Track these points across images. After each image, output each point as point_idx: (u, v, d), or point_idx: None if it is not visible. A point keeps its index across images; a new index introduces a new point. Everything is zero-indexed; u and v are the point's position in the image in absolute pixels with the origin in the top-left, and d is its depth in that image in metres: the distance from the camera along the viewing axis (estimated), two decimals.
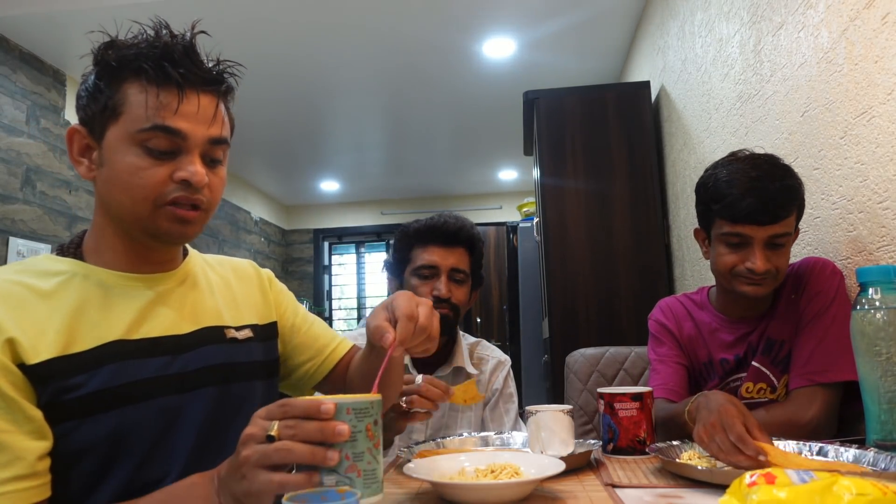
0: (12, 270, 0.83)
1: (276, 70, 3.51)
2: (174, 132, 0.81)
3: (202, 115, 0.84)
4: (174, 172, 0.82)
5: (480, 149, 5.16)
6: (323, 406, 0.64)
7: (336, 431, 0.63)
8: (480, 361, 1.62)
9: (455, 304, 1.49)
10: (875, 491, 0.47)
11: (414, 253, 1.52)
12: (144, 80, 0.81)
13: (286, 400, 0.66)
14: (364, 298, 6.84)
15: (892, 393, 0.90)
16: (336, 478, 0.63)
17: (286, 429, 0.64)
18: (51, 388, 0.76)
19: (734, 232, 1.18)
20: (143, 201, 0.82)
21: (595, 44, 3.34)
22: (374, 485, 0.65)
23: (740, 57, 1.79)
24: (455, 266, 1.49)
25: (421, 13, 2.98)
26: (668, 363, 1.34)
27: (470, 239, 1.53)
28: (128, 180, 0.82)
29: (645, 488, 0.84)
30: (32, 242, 3.10)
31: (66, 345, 0.78)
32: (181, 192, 0.83)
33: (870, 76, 1.14)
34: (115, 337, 0.82)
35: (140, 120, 0.81)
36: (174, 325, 0.88)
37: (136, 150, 0.81)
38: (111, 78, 0.83)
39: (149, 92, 0.81)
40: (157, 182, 0.82)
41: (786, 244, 1.19)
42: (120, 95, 0.82)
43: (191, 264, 0.98)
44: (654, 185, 2.64)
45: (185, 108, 0.82)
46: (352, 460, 0.64)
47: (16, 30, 2.98)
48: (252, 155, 5.06)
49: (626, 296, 2.56)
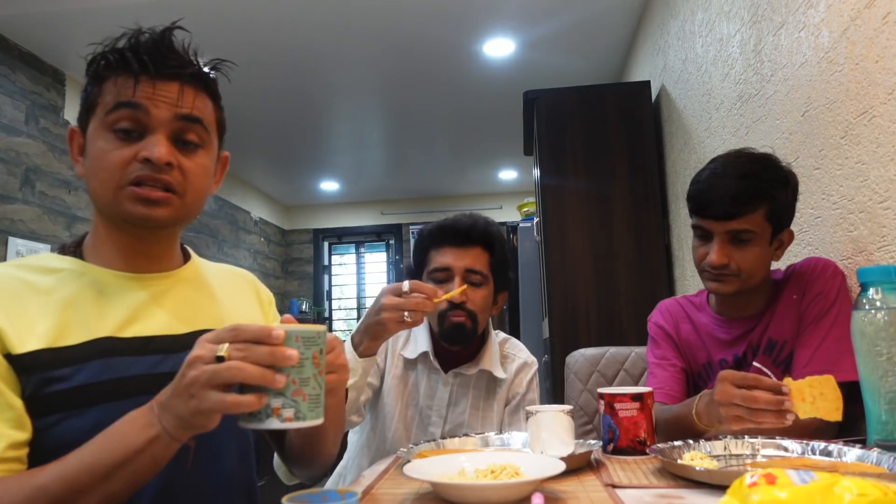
0: (11, 265, 0.85)
1: (276, 70, 3.51)
2: (135, 105, 0.83)
3: (167, 96, 0.85)
4: (138, 153, 0.83)
5: (480, 149, 5.16)
6: (274, 332, 0.66)
7: (286, 356, 0.65)
8: (506, 360, 1.55)
9: (472, 310, 1.41)
10: (876, 491, 0.47)
11: (429, 255, 1.47)
12: (113, 72, 0.84)
13: (236, 324, 0.67)
14: (364, 298, 6.83)
15: (892, 393, 0.90)
16: (283, 400, 0.66)
17: (236, 351, 0.65)
18: (36, 378, 0.76)
19: (697, 224, 1.24)
20: (108, 182, 0.83)
21: (595, 43, 3.34)
22: (317, 409, 0.69)
23: (741, 57, 1.78)
24: (470, 267, 1.42)
25: (421, 13, 2.98)
26: (665, 366, 1.34)
27: (485, 237, 1.45)
28: (97, 164, 0.84)
29: (645, 489, 0.84)
30: (32, 242, 3.10)
31: (56, 338, 0.79)
32: (144, 172, 0.83)
33: (870, 76, 1.14)
34: (105, 333, 0.82)
35: (108, 105, 0.83)
36: (169, 324, 0.88)
37: (106, 135, 0.84)
38: (93, 78, 0.86)
39: (117, 80, 0.84)
40: (121, 162, 0.83)
41: (751, 241, 1.18)
42: (97, 90, 0.85)
43: (192, 268, 0.98)
44: (654, 185, 2.64)
45: (145, 88, 0.83)
46: (298, 385, 0.67)
47: (15, 29, 2.97)
48: (252, 155, 5.06)
49: (626, 296, 2.56)
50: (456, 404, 1.50)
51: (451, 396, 1.49)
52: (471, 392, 1.51)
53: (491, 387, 1.53)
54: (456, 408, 1.50)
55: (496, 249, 1.48)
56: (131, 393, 0.80)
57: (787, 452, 0.97)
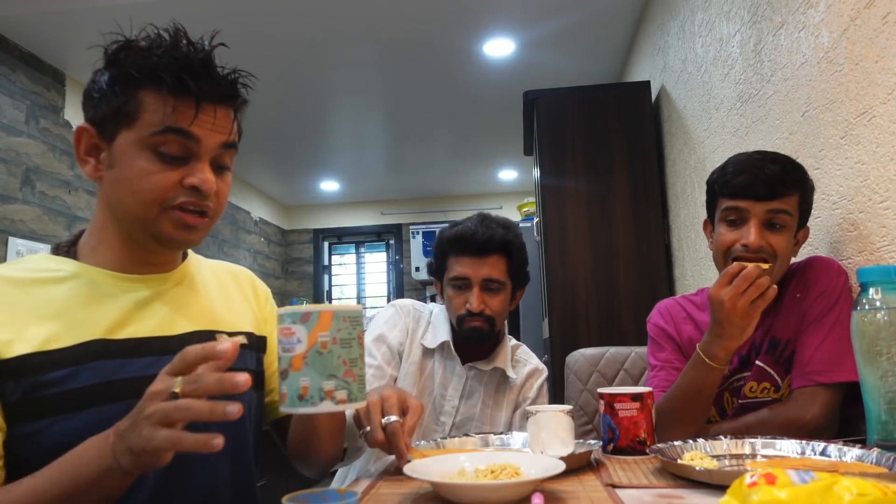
0: (4, 268, 0.84)
1: (276, 70, 3.50)
2: (188, 135, 0.82)
3: (218, 126, 0.84)
4: (184, 178, 0.82)
5: (480, 149, 5.16)
6: (219, 347, 0.64)
7: (234, 383, 0.63)
8: (517, 364, 1.60)
9: (489, 315, 1.46)
10: (876, 491, 0.47)
11: (449, 262, 1.50)
12: (164, 91, 0.80)
13: (184, 350, 0.66)
14: (364, 298, 6.84)
15: (892, 393, 0.90)
16: (335, 382, 0.66)
17: (188, 385, 0.64)
18: (25, 383, 0.76)
19: (732, 206, 1.21)
20: (151, 204, 0.82)
21: (595, 44, 3.34)
22: (363, 390, 0.69)
23: (741, 57, 1.78)
24: (488, 276, 1.45)
25: (421, 13, 2.98)
26: (668, 368, 1.33)
27: (504, 245, 1.46)
28: (137, 183, 0.82)
29: (645, 488, 0.84)
30: (32, 242, 3.10)
31: (46, 341, 0.78)
32: (189, 198, 0.83)
33: (870, 76, 1.14)
34: (98, 336, 0.81)
35: (154, 125, 0.81)
36: (163, 325, 0.88)
37: (147, 154, 0.81)
38: (126, 83, 0.82)
39: (167, 102, 0.81)
40: (167, 186, 0.82)
41: (785, 226, 1.18)
42: (135, 101, 0.81)
43: (189, 266, 0.97)
44: (654, 185, 2.64)
45: (202, 118, 0.82)
46: (349, 365, 0.66)
47: (15, 29, 2.97)
48: (252, 155, 5.06)
49: (626, 296, 2.56)
50: (469, 397, 1.53)
51: (464, 388, 1.53)
52: (483, 388, 1.55)
53: (502, 386, 1.56)
54: (469, 400, 1.53)
55: (514, 255, 1.49)
56: (123, 396, 0.79)
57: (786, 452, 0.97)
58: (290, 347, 0.68)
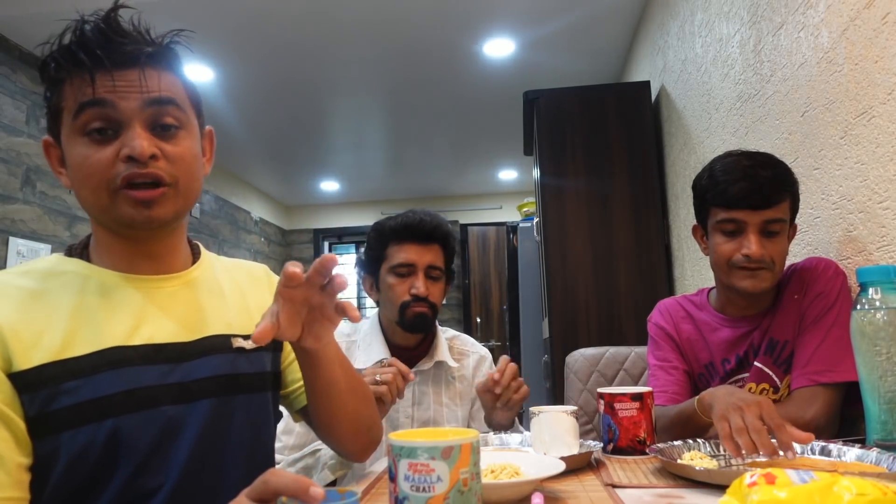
0: (14, 272, 0.82)
1: (276, 70, 3.50)
2: (100, 102, 0.78)
3: (129, 84, 0.79)
4: (119, 151, 0.79)
5: (480, 149, 5.16)
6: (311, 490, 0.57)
7: None
8: (461, 356, 1.62)
9: (433, 302, 1.50)
10: (875, 491, 0.47)
11: (390, 250, 1.52)
12: (72, 72, 0.80)
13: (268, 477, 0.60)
14: (364, 298, 6.84)
15: (892, 393, 0.90)
16: None
17: None
18: (42, 395, 0.74)
19: (729, 218, 1.20)
20: (98, 189, 0.80)
21: (595, 44, 3.34)
22: None
23: (740, 57, 1.79)
24: (431, 263, 1.50)
25: (421, 13, 2.98)
26: (667, 369, 1.34)
27: (445, 236, 1.54)
28: (81, 172, 0.80)
29: (645, 488, 0.84)
30: (32, 242, 3.10)
31: (62, 349, 0.76)
32: (130, 170, 0.78)
33: (870, 76, 1.14)
34: (114, 342, 0.79)
35: (72, 109, 0.80)
36: (178, 331, 0.85)
37: (79, 139, 0.80)
38: (51, 81, 0.82)
39: (73, 81, 0.79)
40: (104, 164, 0.79)
41: (780, 232, 1.19)
42: (59, 95, 0.81)
43: (201, 267, 0.94)
44: (654, 185, 2.64)
45: (104, 82, 0.78)
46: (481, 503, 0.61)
47: (16, 29, 2.97)
48: (252, 155, 5.06)
49: (625, 296, 2.56)
50: (420, 402, 1.54)
51: (413, 395, 1.53)
52: (431, 388, 1.55)
53: (448, 379, 1.58)
54: (420, 406, 1.54)
55: (449, 247, 1.57)
56: (142, 405, 0.78)
57: None
58: (426, 487, 0.60)
